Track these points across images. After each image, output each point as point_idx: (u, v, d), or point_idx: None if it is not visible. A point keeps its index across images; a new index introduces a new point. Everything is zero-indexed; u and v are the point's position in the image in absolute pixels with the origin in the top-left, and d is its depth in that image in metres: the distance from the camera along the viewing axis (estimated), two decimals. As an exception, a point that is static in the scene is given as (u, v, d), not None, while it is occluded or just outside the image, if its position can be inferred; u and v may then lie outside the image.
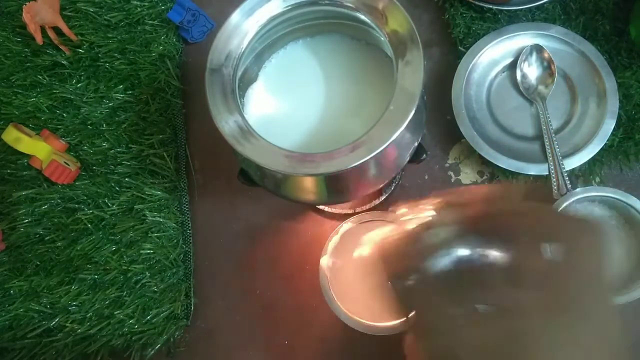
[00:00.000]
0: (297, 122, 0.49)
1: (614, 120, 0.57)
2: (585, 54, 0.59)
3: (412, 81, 0.40)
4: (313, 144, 0.47)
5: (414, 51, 0.41)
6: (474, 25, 0.63)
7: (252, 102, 0.50)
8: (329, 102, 0.49)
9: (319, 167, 0.39)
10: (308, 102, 0.49)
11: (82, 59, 0.67)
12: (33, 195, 0.63)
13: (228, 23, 0.44)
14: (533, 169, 0.57)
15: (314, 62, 0.51)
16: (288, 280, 0.61)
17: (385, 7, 0.43)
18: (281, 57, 0.52)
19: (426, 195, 0.33)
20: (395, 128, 0.39)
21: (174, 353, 0.60)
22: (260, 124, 0.46)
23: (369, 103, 0.48)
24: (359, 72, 0.50)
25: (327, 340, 0.59)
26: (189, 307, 0.60)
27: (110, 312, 0.59)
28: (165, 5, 0.69)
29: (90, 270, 0.60)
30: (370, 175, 0.45)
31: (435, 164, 0.62)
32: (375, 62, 0.50)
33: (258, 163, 0.40)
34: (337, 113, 0.48)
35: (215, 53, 0.43)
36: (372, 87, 0.49)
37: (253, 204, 0.63)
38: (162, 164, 0.63)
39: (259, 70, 0.51)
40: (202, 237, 0.63)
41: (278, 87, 0.51)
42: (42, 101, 0.66)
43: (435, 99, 0.62)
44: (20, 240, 0.62)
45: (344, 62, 0.51)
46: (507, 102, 0.61)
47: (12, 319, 0.60)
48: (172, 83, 0.66)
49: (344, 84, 0.50)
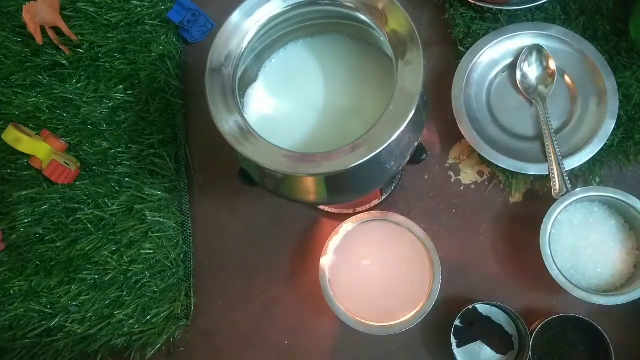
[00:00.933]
0: (297, 122, 0.49)
1: (614, 120, 0.57)
2: (585, 54, 0.59)
3: (412, 81, 0.40)
4: (313, 144, 0.47)
5: (414, 51, 0.41)
6: (474, 25, 0.63)
7: (252, 102, 0.50)
8: (329, 102, 0.49)
9: (319, 167, 0.39)
10: (308, 102, 0.49)
11: (82, 59, 0.67)
12: (33, 195, 0.63)
13: (228, 23, 0.44)
14: (533, 169, 0.57)
15: (314, 62, 0.51)
16: (288, 280, 0.61)
17: (385, 7, 0.43)
18: (281, 57, 0.52)
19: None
20: (395, 128, 0.39)
21: (174, 353, 0.60)
22: (260, 124, 0.46)
23: (369, 103, 0.48)
24: (359, 72, 0.50)
25: (327, 340, 0.59)
26: (189, 307, 0.60)
27: (110, 312, 0.59)
28: (165, 5, 0.69)
29: (90, 270, 0.60)
30: (370, 175, 0.45)
31: (435, 164, 0.62)
32: (375, 62, 0.50)
33: (258, 163, 0.40)
34: (337, 113, 0.48)
35: (215, 53, 0.43)
36: (372, 87, 0.49)
37: (253, 204, 0.63)
38: (162, 164, 0.63)
39: (259, 70, 0.51)
40: (202, 237, 0.63)
41: (278, 87, 0.51)
42: (42, 101, 0.66)
43: (435, 99, 0.62)
44: (20, 240, 0.62)
45: (344, 62, 0.51)
46: (507, 102, 0.61)
47: (12, 319, 0.60)
48: (172, 83, 0.66)
49: (344, 84, 0.50)
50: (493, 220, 0.60)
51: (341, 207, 0.61)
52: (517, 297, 0.58)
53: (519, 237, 0.59)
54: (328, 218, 0.62)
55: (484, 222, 0.60)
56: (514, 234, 0.60)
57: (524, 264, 0.59)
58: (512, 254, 0.59)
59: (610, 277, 0.54)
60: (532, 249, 0.54)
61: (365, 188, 0.49)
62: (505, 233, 0.60)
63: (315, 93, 0.50)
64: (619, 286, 0.54)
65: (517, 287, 0.58)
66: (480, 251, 0.60)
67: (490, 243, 0.60)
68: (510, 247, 0.59)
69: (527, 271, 0.58)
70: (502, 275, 0.59)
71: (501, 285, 0.59)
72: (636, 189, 0.59)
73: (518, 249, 0.59)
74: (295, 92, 0.50)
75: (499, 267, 0.59)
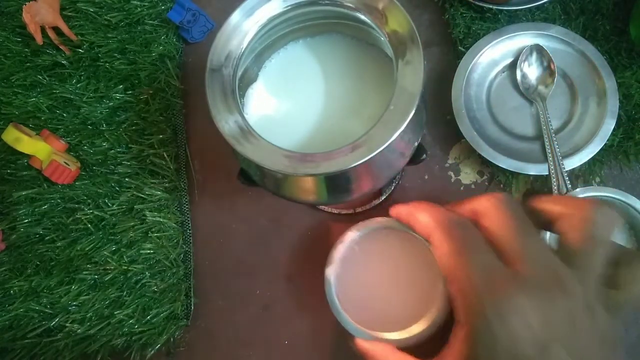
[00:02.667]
0: (297, 122, 0.49)
1: (614, 120, 0.57)
2: (585, 54, 0.59)
3: (412, 81, 0.40)
4: (313, 144, 0.47)
5: (414, 51, 0.41)
6: (474, 25, 0.63)
7: (252, 102, 0.50)
8: (329, 102, 0.49)
9: (319, 167, 0.39)
10: (308, 102, 0.49)
11: (82, 59, 0.67)
12: (33, 195, 0.63)
13: (228, 23, 0.44)
14: (533, 169, 0.57)
15: (314, 62, 0.51)
16: (288, 280, 0.61)
17: (385, 7, 0.43)
18: (281, 56, 0.52)
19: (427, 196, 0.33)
20: (395, 128, 0.39)
21: (174, 353, 0.60)
22: (260, 123, 0.46)
23: (369, 103, 0.48)
24: (359, 72, 0.50)
25: (327, 340, 0.59)
26: (189, 307, 0.60)
27: (110, 312, 0.59)
28: (165, 5, 0.69)
29: (90, 270, 0.60)
30: (370, 175, 0.45)
31: (435, 164, 0.62)
32: (375, 62, 0.50)
33: (258, 163, 0.40)
34: (337, 113, 0.48)
35: (215, 53, 0.43)
36: (372, 87, 0.49)
37: (253, 204, 0.63)
38: (162, 164, 0.63)
39: (259, 70, 0.51)
40: (202, 237, 0.63)
41: (278, 86, 0.51)
42: (42, 101, 0.66)
43: (435, 99, 0.62)
44: (20, 240, 0.62)
45: (344, 62, 0.51)
46: (507, 102, 0.61)
47: (12, 319, 0.60)
48: (172, 83, 0.66)
49: (344, 84, 0.50)
50: (493, 220, 0.60)
51: (341, 207, 0.61)
52: (517, 297, 0.58)
53: (519, 237, 0.59)
54: (328, 218, 0.62)
55: (484, 222, 0.60)
56: (514, 234, 0.59)
57: (524, 264, 0.58)
58: (512, 254, 0.59)
59: (610, 277, 0.54)
60: (532, 249, 0.54)
61: (365, 188, 0.48)
62: (505, 233, 0.60)
63: (315, 93, 0.50)
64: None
65: (517, 287, 0.58)
66: (480, 251, 0.59)
67: (490, 243, 0.60)
68: (510, 247, 0.59)
69: (527, 271, 0.58)
70: (502, 275, 0.59)
71: (501, 285, 0.58)
72: (636, 189, 0.59)
73: (518, 249, 0.59)
74: (295, 92, 0.50)
75: (499, 267, 0.59)
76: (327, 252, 0.50)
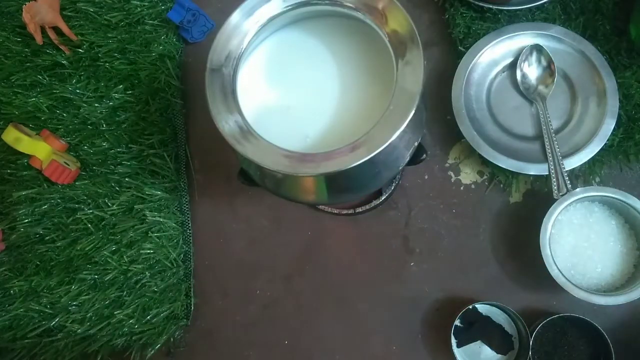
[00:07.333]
0: (297, 122, 0.48)
1: (614, 120, 0.57)
2: (585, 54, 0.59)
3: (412, 81, 0.40)
4: (313, 143, 0.47)
5: (414, 51, 0.41)
6: (474, 25, 0.63)
7: (246, 93, 0.48)
8: (329, 102, 0.49)
9: (319, 167, 0.39)
10: (308, 102, 0.49)
11: (82, 59, 0.67)
12: (33, 195, 0.63)
13: (228, 23, 0.44)
14: (533, 169, 0.57)
15: (311, 46, 0.49)
16: (288, 280, 0.61)
17: (385, 7, 0.43)
18: (276, 42, 0.49)
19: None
20: (395, 128, 0.39)
21: (174, 353, 0.60)
22: (260, 123, 0.46)
23: (369, 103, 0.48)
24: (359, 72, 0.50)
25: (327, 340, 0.59)
26: (189, 307, 0.60)
27: (110, 312, 0.59)
28: (165, 5, 0.69)
29: (90, 270, 0.60)
30: (370, 175, 0.45)
31: (435, 164, 0.62)
32: (375, 62, 0.50)
33: (258, 163, 0.40)
34: (336, 113, 0.48)
35: (215, 53, 0.43)
36: (373, 87, 0.49)
37: (253, 204, 0.63)
38: (162, 164, 0.63)
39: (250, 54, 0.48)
40: (202, 237, 0.63)
41: (278, 86, 0.50)
42: (42, 101, 0.66)
43: (435, 99, 0.62)
44: (20, 240, 0.62)
45: (344, 61, 0.50)
46: (507, 102, 0.61)
47: (12, 319, 0.60)
48: (172, 83, 0.66)
49: (344, 84, 0.50)
50: (493, 220, 0.60)
51: (341, 207, 0.61)
52: (517, 297, 0.58)
53: (519, 237, 0.59)
54: (328, 218, 0.62)
55: (484, 222, 0.60)
56: (514, 234, 0.60)
57: (524, 264, 0.59)
58: (512, 254, 0.59)
59: (610, 277, 0.54)
60: (532, 249, 0.54)
61: (365, 188, 0.48)
62: (505, 233, 0.60)
63: (315, 93, 0.49)
64: (619, 286, 0.54)
65: (517, 287, 0.58)
66: (480, 251, 0.60)
67: (490, 243, 0.60)
68: (510, 247, 0.59)
69: (527, 271, 0.58)
70: (502, 275, 0.59)
71: (501, 285, 0.59)
72: (636, 189, 0.59)
73: (518, 249, 0.59)
74: (295, 92, 0.50)
75: (499, 267, 0.59)
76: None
